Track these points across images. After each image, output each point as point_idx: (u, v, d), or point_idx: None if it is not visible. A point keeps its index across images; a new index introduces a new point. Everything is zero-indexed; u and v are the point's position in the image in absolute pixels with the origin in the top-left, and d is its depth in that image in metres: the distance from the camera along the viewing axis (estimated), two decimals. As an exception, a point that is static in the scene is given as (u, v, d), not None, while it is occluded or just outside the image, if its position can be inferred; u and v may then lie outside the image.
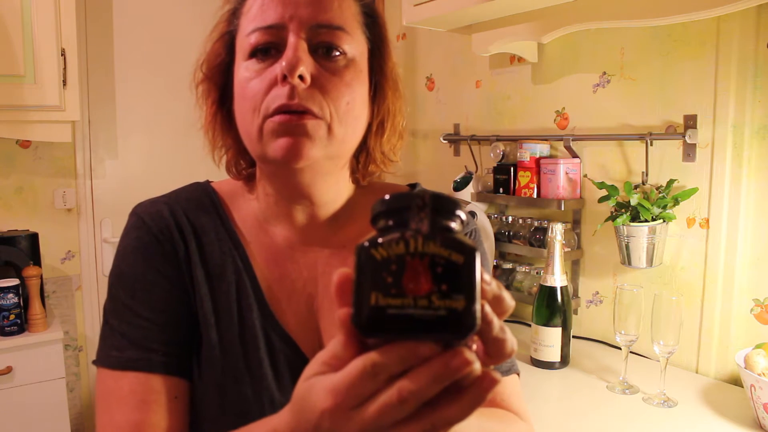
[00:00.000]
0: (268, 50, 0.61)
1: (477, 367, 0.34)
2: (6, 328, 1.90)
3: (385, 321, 0.33)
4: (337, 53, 0.62)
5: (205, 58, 0.68)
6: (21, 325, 1.93)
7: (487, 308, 0.36)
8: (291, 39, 0.60)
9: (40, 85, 1.96)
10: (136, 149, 2.55)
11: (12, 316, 1.90)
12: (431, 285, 0.33)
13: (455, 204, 0.36)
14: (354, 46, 0.64)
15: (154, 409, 0.61)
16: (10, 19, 1.90)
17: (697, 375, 1.40)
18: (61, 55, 1.99)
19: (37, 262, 2.08)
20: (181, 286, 0.65)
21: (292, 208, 0.68)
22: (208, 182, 0.74)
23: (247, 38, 0.62)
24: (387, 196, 0.36)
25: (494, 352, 0.36)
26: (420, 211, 0.35)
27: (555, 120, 1.74)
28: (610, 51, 1.57)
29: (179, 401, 0.63)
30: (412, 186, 0.77)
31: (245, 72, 0.62)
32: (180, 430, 0.62)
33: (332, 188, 0.68)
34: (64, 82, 2.00)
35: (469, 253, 0.34)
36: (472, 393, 0.35)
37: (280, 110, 0.59)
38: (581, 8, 1.43)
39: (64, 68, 2.00)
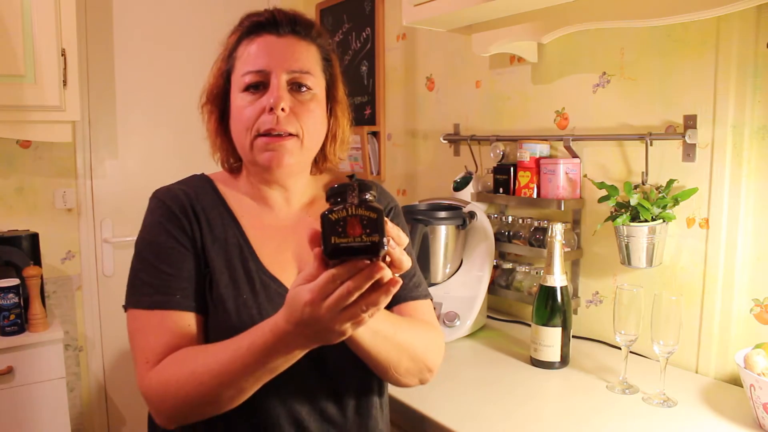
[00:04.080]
0: (257, 86, 0.89)
1: (388, 272, 0.62)
2: (6, 328, 1.90)
3: (340, 251, 0.61)
4: (305, 89, 0.91)
5: (208, 87, 0.95)
6: (21, 325, 1.93)
7: (392, 242, 0.63)
8: (274, 81, 0.89)
9: (40, 85, 1.96)
10: (136, 149, 2.56)
11: (12, 316, 1.90)
12: (361, 230, 0.60)
13: (371, 186, 0.65)
14: (316, 82, 0.93)
15: (177, 334, 0.85)
16: (10, 19, 1.90)
17: (696, 375, 1.40)
18: (61, 55, 1.99)
19: (38, 262, 2.08)
20: (194, 251, 0.90)
21: (271, 192, 0.97)
22: (204, 174, 1.01)
23: (242, 77, 0.90)
24: (335, 185, 0.64)
25: (397, 264, 0.64)
26: (352, 192, 0.62)
27: (555, 120, 1.74)
28: (610, 51, 1.57)
29: (192, 329, 0.86)
30: (350, 177, 1.10)
31: (241, 102, 0.90)
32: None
33: (300, 180, 1.00)
34: (64, 82, 2.00)
35: (379, 211, 0.61)
36: (385, 288, 0.63)
37: (268, 132, 0.88)
38: (581, 8, 1.43)
39: (64, 68, 2.00)
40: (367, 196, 0.62)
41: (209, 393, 0.77)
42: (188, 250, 0.89)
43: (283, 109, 0.87)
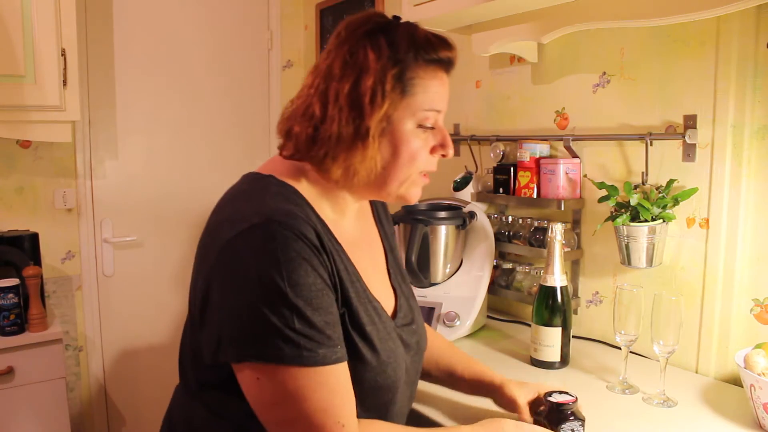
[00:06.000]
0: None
1: None
2: (6, 328, 1.90)
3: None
4: None
5: (385, 107, 0.83)
6: (21, 325, 1.93)
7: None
8: (442, 123, 0.89)
9: (40, 85, 1.96)
10: (136, 149, 2.55)
11: (12, 316, 1.90)
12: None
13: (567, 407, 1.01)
14: None
15: (349, 388, 0.81)
16: (10, 19, 1.90)
17: (696, 375, 1.40)
18: (61, 55, 1.99)
19: (38, 262, 2.08)
20: (333, 286, 0.82)
21: (352, 207, 0.95)
22: (283, 181, 0.87)
23: (425, 112, 0.86)
24: (568, 408, 1.01)
25: None
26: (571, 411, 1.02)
27: (555, 120, 1.74)
28: (610, 51, 1.57)
29: (349, 377, 0.82)
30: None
31: (416, 139, 0.86)
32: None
33: None
34: (64, 82, 2.00)
35: (582, 420, 1.01)
36: None
37: (427, 172, 0.91)
38: (581, 8, 1.43)
39: (64, 68, 2.00)
40: (568, 408, 1.01)
41: None
42: (331, 289, 0.81)
43: None
